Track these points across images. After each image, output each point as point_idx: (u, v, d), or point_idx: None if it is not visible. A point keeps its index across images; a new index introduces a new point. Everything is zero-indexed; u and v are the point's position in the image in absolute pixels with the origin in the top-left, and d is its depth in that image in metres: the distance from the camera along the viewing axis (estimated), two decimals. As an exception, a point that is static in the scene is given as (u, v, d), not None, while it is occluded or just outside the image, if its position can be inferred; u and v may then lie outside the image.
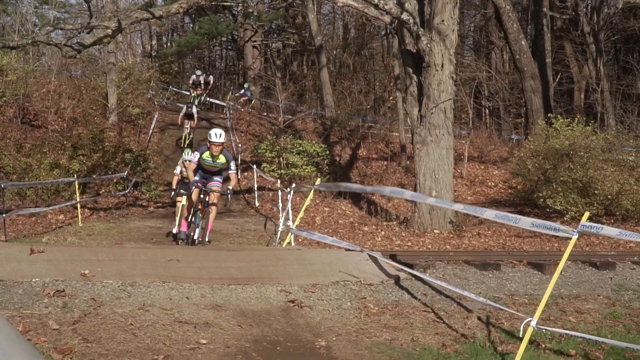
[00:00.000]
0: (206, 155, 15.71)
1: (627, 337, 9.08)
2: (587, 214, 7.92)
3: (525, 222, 8.80)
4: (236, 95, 46.15)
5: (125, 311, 8.75)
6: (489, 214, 9.68)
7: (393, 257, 12.79)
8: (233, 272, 10.57)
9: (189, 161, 16.52)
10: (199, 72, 43.61)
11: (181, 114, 33.57)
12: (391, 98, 42.21)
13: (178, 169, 18.58)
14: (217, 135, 15.53)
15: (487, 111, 48.05)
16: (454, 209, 14.26)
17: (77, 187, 22.92)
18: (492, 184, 32.95)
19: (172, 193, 18.83)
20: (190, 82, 42.87)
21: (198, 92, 41.41)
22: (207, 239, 15.89)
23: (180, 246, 14.42)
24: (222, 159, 15.80)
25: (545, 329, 8.27)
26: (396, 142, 36.30)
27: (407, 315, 9.84)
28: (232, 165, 15.85)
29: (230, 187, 15.77)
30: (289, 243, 15.53)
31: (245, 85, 45.97)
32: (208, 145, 15.63)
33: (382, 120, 40.28)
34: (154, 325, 8.40)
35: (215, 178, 16.20)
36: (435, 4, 21.32)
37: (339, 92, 43.50)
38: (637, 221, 23.39)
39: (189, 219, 16.13)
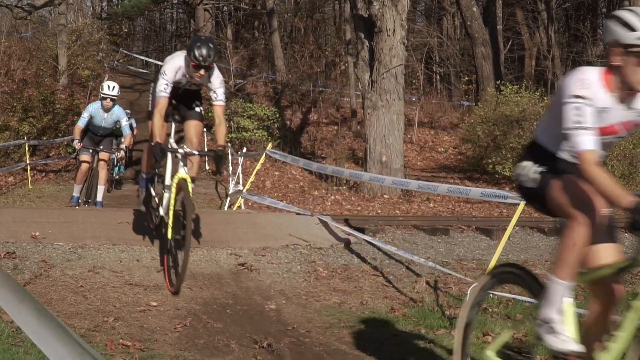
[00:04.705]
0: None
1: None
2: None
3: (475, 193, 8.90)
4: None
5: (75, 273, 8.75)
6: (442, 188, 9.80)
7: (343, 222, 12.84)
8: (184, 235, 10.56)
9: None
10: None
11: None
12: (342, 63, 42.14)
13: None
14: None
15: (438, 77, 48.12)
16: (409, 188, 14.34)
17: (27, 149, 22.79)
18: (442, 149, 33.14)
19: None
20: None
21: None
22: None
23: (131, 209, 14.14)
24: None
25: (493, 294, 8.36)
26: (347, 107, 36.28)
27: (357, 279, 9.91)
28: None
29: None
30: (239, 207, 15.56)
31: None
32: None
33: (333, 85, 40.22)
34: (104, 288, 8.42)
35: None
36: (388, -31, 21.31)
37: (290, 56, 43.32)
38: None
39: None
